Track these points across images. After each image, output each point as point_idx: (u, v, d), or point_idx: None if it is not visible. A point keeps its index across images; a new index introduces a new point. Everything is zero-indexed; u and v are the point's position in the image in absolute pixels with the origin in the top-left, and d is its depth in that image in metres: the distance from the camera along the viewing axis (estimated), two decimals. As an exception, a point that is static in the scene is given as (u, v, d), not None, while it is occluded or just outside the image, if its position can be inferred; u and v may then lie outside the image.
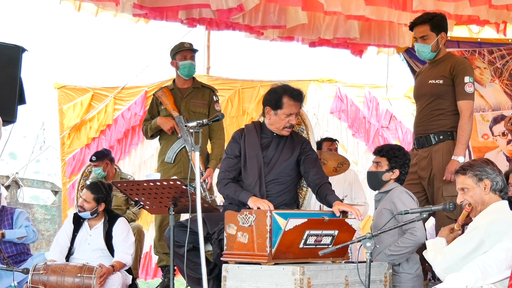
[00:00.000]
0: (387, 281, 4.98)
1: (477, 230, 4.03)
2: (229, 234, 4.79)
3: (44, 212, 9.99)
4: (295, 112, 5.24)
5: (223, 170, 5.37)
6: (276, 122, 5.28)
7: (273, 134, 5.35)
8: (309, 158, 5.30)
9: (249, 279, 4.63)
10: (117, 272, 6.13)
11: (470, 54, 8.33)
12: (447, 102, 5.82)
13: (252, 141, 5.33)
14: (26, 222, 6.91)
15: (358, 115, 9.73)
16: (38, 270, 5.93)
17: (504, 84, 8.25)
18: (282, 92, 5.25)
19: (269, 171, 5.27)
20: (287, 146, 5.34)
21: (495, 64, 8.24)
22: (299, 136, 5.48)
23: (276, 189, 5.26)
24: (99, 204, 6.37)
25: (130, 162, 9.90)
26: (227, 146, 5.52)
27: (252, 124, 5.48)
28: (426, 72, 6.06)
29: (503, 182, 4.25)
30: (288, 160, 5.30)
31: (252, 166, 5.27)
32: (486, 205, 4.21)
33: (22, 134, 26.80)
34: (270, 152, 5.31)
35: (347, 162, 6.98)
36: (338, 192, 7.46)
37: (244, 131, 5.43)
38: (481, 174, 4.23)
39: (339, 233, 4.82)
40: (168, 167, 6.78)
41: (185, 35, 8.72)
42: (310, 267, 4.52)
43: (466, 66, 5.91)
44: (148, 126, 6.92)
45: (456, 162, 5.61)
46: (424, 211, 4.40)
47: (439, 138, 5.83)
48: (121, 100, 9.94)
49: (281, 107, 5.22)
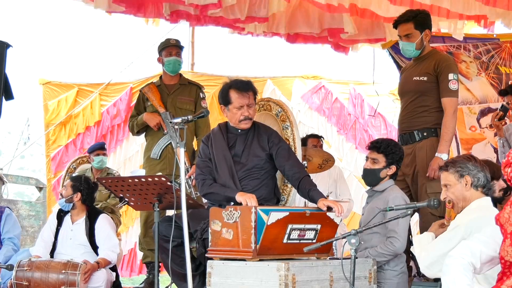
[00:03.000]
0: (372, 278, 4.99)
1: (457, 229, 4.04)
2: (214, 231, 4.78)
3: (28, 208, 9.93)
4: (245, 103, 5.20)
5: (201, 173, 5.34)
6: (232, 118, 5.27)
7: (238, 130, 5.34)
8: (280, 150, 5.26)
9: (234, 275, 4.62)
10: (101, 268, 6.12)
11: (455, 49, 8.37)
12: (431, 99, 5.84)
13: (219, 143, 5.33)
14: (11, 230, 6.92)
15: (343, 112, 9.74)
16: (22, 267, 5.91)
17: (490, 77, 8.30)
18: (228, 87, 5.25)
19: (240, 168, 5.25)
20: (255, 139, 5.31)
21: (481, 58, 8.29)
22: (265, 127, 5.44)
23: (251, 184, 5.23)
24: (75, 193, 6.36)
25: (115, 158, 9.89)
26: (199, 151, 5.51)
27: (217, 127, 5.47)
28: (410, 68, 6.07)
29: (485, 178, 4.25)
30: (258, 153, 5.27)
31: (222, 167, 5.26)
32: (468, 201, 4.23)
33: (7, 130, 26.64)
34: (238, 149, 5.30)
35: (332, 158, 6.98)
36: (323, 188, 7.48)
37: (210, 135, 5.44)
38: (462, 171, 4.25)
39: (321, 227, 4.83)
40: (154, 163, 6.78)
41: (170, 32, 8.73)
42: (295, 263, 4.52)
43: (450, 63, 5.93)
44: (134, 122, 6.91)
45: (439, 159, 5.63)
46: (408, 207, 4.41)
47: (423, 135, 5.84)
48: (106, 96, 9.93)
49: (230, 102, 5.22)
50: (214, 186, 5.23)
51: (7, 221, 6.99)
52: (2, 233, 7.01)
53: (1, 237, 7.01)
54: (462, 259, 3.61)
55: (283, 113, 5.66)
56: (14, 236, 6.97)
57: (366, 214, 5.43)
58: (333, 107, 9.73)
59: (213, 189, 5.22)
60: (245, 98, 5.21)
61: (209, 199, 5.33)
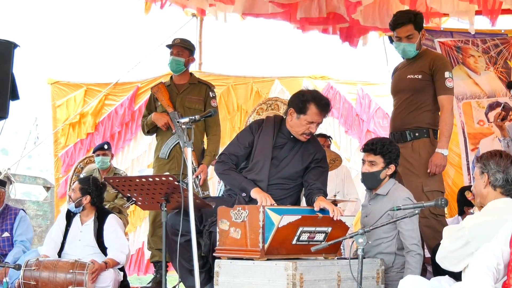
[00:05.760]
0: (380, 278, 4.97)
1: (463, 231, 3.99)
2: (222, 230, 4.77)
3: (36, 208, 9.95)
4: (317, 121, 5.16)
5: (228, 153, 5.27)
6: (296, 126, 5.20)
7: (290, 135, 5.27)
8: (316, 169, 5.22)
9: (241, 274, 4.61)
10: (109, 268, 6.12)
11: (463, 44, 8.37)
12: (424, 97, 5.83)
13: (267, 137, 5.25)
14: (24, 233, 6.95)
15: (351, 112, 9.72)
16: (30, 266, 5.91)
17: (498, 72, 8.29)
18: (310, 98, 5.15)
19: (276, 173, 5.20)
20: (301, 151, 5.26)
21: (489, 52, 8.28)
22: (316, 143, 5.39)
23: (278, 193, 5.18)
24: (84, 196, 6.36)
25: (123, 157, 9.89)
26: (241, 132, 5.43)
27: (272, 119, 5.37)
28: (404, 67, 6.07)
29: (504, 179, 4.10)
30: (298, 166, 5.22)
31: (259, 165, 5.20)
32: (485, 199, 4.14)
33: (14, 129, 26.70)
34: (282, 154, 5.24)
35: (339, 158, 6.97)
36: (330, 188, 7.47)
37: (262, 124, 5.34)
38: (483, 168, 4.15)
39: (332, 230, 4.80)
40: (162, 163, 6.78)
41: (177, 31, 8.72)
42: (302, 263, 4.51)
43: (446, 62, 5.97)
44: (145, 122, 6.94)
45: (440, 155, 5.63)
46: (416, 207, 4.36)
47: (414, 135, 5.82)
48: (114, 96, 9.93)
49: (305, 113, 5.14)
50: (233, 171, 5.19)
51: (21, 224, 7.03)
52: (14, 235, 7.04)
53: (13, 239, 7.03)
54: (486, 261, 3.58)
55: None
56: (26, 239, 7.01)
57: (371, 216, 5.29)
58: (342, 107, 9.71)
59: (232, 173, 5.18)
60: (321, 118, 5.17)
61: (224, 179, 5.28)
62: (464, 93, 8.50)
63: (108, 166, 7.88)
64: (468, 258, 3.83)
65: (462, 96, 8.51)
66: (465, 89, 8.49)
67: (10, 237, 7.05)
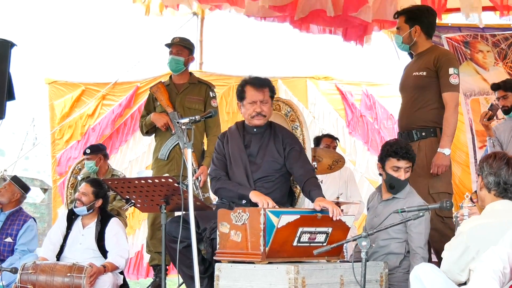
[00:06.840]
0: (383, 281, 4.93)
1: (461, 236, 3.98)
2: (222, 233, 4.72)
3: (33, 210, 9.88)
4: (258, 99, 5.22)
5: (216, 168, 5.33)
6: (245, 113, 5.30)
7: (254, 129, 5.33)
8: (292, 151, 5.25)
9: (242, 278, 4.57)
10: (108, 272, 6.04)
11: (472, 39, 8.31)
12: (430, 95, 5.76)
13: (235, 141, 5.34)
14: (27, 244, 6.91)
15: (355, 113, 9.67)
16: (27, 270, 5.85)
17: (508, 67, 8.21)
18: (243, 83, 5.31)
19: (255, 169, 5.24)
20: (271, 141, 5.30)
21: (500, 45, 8.20)
22: (281, 128, 5.42)
23: (265, 186, 5.20)
24: (97, 200, 6.29)
25: (121, 158, 9.82)
26: (215, 146, 5.49)
27: (234, 125, 5.49)
28: (411, 65, 6.03)
29: (496, 182, 4.07)
30: (273, 155, 5.26)
31: (237, 166, 5.25)
32: (483, 202, 4.14)
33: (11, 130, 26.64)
34: (253, 149, 5.29)
35: (342, 159, 6.92)
36: (333, 190, 7.42)
37: (226, 133, 5.45)
38: (479, 170, 4.17)
39: (333, 231, 4.77)
40: (161, 164, 6.73)
41: (177, 30, 8.66)
42: (304, 266, 4.46)
43: (451, 58, 5.89)
44: (143, 122, 6.90)
45: (442, 155, 5.57)
46: (421, 209, 4.34)
47: (421, 135, 5.76)
48: (113, 96, 9.87)
49: (245, 97, 5.26)
50: (227, 182, 5.23)
51: (26, 233, 6.96)
52: (17, 243, 6.95)
53: (15, 246, 6.95)
54: (492, 265, 3.54)
55: (293, 113, 5.63)
56: (27, 249, 6.91)
57: (380, 217, 5.18)
58: (346, 108, 9.66)
59: (226, 185, 5.21)
60: (260, 94, 5.23)
61: (221, 195, 5.29)
62: (472, 89, 8.44)
63: (95, 170, 7.74)
64: (470, 265, 3.82)
65: (470, 93, 8.45)
66: (473, 86, 8.42)
67: (12, 243, 6.98)
